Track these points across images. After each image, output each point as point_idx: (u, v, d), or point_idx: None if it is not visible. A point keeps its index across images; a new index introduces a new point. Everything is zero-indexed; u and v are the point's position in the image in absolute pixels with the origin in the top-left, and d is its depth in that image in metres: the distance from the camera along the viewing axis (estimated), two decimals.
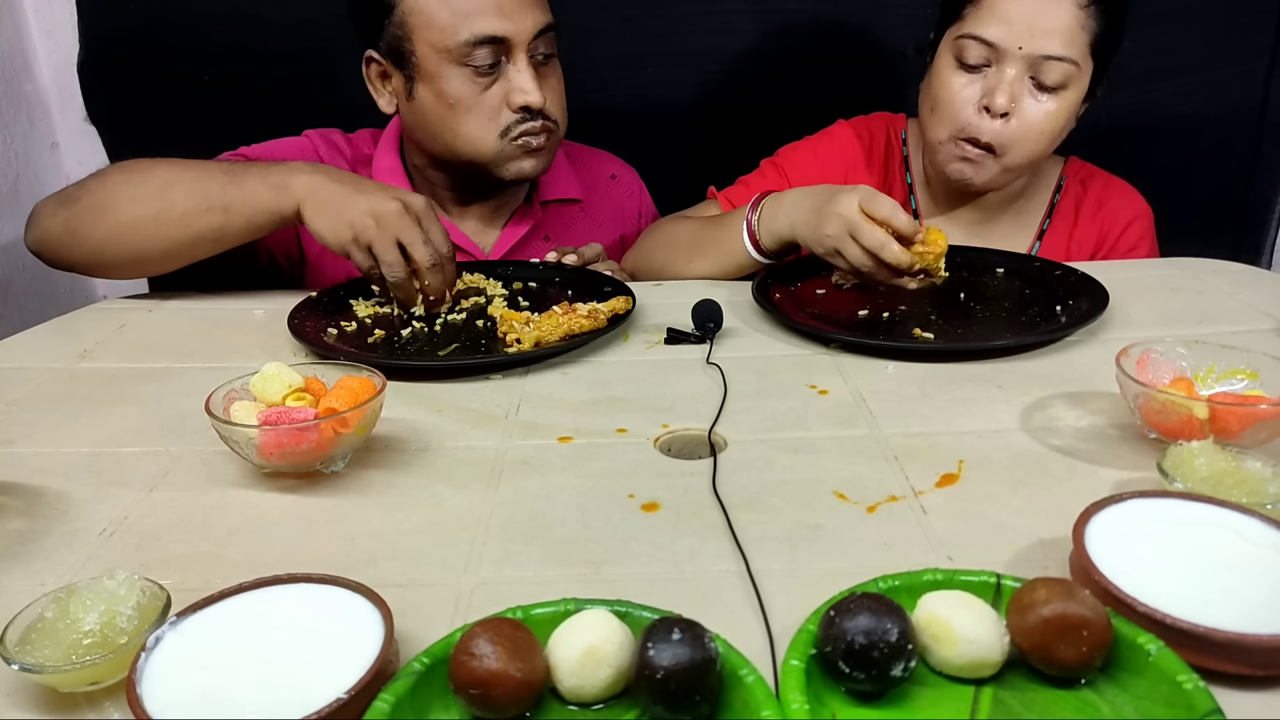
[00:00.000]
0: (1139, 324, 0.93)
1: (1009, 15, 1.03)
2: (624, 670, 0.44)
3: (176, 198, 0.98)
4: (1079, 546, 0.51)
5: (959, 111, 1.08)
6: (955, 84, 1.08)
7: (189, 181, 0.98)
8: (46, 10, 1.49)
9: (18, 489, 0.67)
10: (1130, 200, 1.21)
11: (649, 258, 1.20)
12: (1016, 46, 1.03)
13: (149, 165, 1.02)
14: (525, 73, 1.08)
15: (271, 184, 0.97)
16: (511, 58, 1.08)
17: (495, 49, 1.07)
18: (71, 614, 0.48)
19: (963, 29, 1.07)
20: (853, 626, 0.44)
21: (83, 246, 1.01)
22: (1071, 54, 1.03)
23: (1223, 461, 0.58)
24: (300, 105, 1.36)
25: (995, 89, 1.05)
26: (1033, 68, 1.04)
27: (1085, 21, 1.03)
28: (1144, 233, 1.20)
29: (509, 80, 1.09)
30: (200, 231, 0.99)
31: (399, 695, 0.43)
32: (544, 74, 1.11)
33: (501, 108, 1.10)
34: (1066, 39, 1.03)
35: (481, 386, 0.83)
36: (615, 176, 1.34)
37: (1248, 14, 1.50)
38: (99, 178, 1.02)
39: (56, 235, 1.02)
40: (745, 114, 1.55)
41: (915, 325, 0.91)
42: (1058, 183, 1.22)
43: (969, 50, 1.06)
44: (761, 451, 0.70)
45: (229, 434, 0.65)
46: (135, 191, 0.99)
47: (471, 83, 1.08)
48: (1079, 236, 1.20)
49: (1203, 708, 0.41)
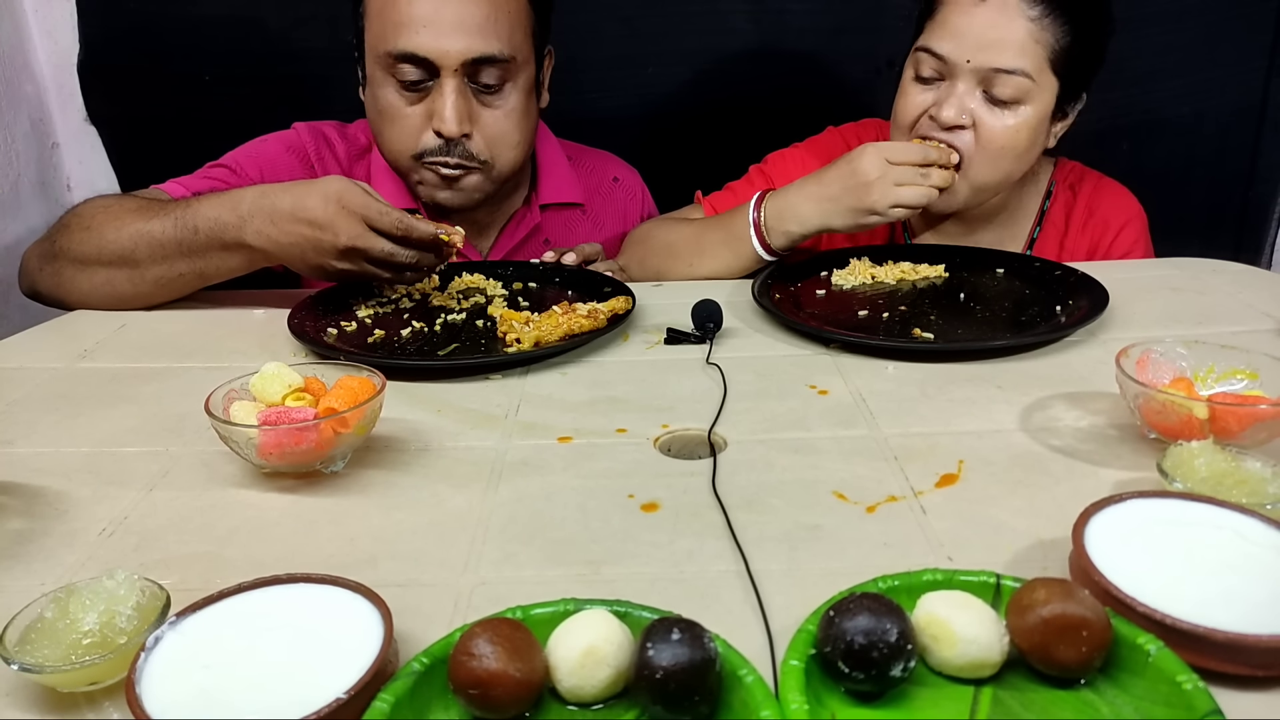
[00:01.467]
0: (1139, 324, 0.93)
1: (959, 29, 1.04)
2: (623, 670, 0.44)
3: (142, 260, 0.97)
4: (1079, 547, 0.51)
5: (912, 120, 1.09)
6: (910, 93, 1.10)
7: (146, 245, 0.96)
8: (46, 10, 1.49)
9: (18, 489, 0.67)
10: (1122, 204, 1.20)
11: (644, 263, 1.19)
12: (965, 60, 1.03)
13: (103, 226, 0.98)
14: (447, 99, 1.05)
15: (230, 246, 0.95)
16: (440, 80, 1.05)
17: (420, 68, 1.04)
18: (71, 614, 0.48)
19: (921, 42, 1.08)
20: (852, 627, 0.44)
21: (70, 298, 1.04)
22: (1023, 66, 1.02)
23: (1222, 462, 0.58)
24: (300, 105, 1.36)
25: (944, 101, 1.06)
26: (984, 81, 1.04)
27: (1039, 35, 1.02)
28: (1137, 236, 1.19)
29: (434, 102, 1.06)
30: (180, 287, 1.01)
31: (398, 695, 0.43)
32: (484, 103, 1.08)
33: (424, 128, 1.08)
34: (1016, 51, 1.02)
35: (481, 386, 0.83)
36: (618, 179, 1.34)
37: (1248, 14, 1.50)
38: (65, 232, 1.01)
39: (47, 289, 1.05)
40: (745, 114, 1.55)
41: (915, 325, 0.91)
42: (1047, 189, 1.21)
43: (923, 64, 1.08)
44: (761, 452, 0.70)
45: (229, 434, 0.65)
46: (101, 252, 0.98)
47: (399, 95, 1.07)
48: (1070, 245, 1.20)
49: (1202, 708, 0.41)
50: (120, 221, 0.98)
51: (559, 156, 1.27)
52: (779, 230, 1.07)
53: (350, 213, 0.90)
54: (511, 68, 1.08)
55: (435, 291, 1.04)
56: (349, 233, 0.90)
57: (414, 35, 1.03)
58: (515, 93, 1.10)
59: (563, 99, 1.23)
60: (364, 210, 0.90)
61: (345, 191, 0.91)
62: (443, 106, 1.05)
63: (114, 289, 1.01)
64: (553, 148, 1.27)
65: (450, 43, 1.03)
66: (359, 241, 0.91)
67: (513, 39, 1.07)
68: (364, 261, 0.93)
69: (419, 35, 1.02)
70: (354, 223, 0.90)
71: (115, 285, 1.00)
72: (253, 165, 1.14)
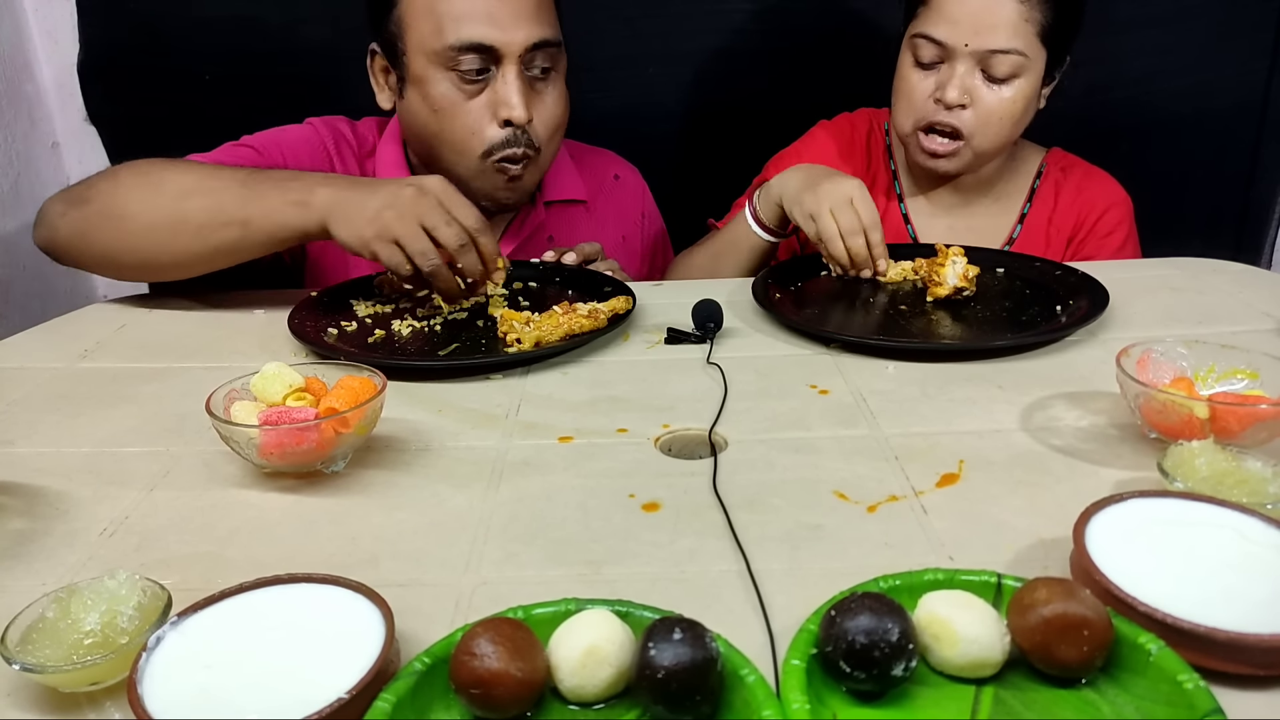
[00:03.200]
0: (1139, 324, 0.93)
1: (954, 15, 1.10)
2: (625, 670, 0.44)
3: (192, 209, 0.94)
4: (1079, 546, 0.51)
5: (918, 105, 1.16)
6: (912, 79, 1.16)
7: (205, 192, 0.95)
8: (46, 10, 1.49)
9: (18, 489, 0.67)
10: (1109, 189, 1.25)
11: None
12: (963, 44, 1.10)
13: (162, 169, 0.98)
14: (512, 85, 1.05)
15: (292, 200, 0.93)
16: (501, 68, 1.05)
17: (484, 57, 1.04)
18: (72, 614, 0.48)
19: (916, 28, 1.14)
20: (853, 626, 0.44)
21: (92, 249, 0.98)
22: (1017, 45, 1.09)
23: (1223, 461, 0.58)
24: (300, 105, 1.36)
25: (947, 84, 1.13)
26: (982, 61, 1.11)
27: (1029, 14, 1.09)
28: (1121, 219, 1.24)
29: (496, 92, 1.06)
30: (218, 245, 0.96)
31: (400, 695, 0.43)
32: (538, 90, 1.09)
33: (487, 120, 1.07)
34: (1010, 32, 1.09)
35: (482, 386, 0.83)
36: (619, 177, 1.34)
37: (1248, 14, 1.50)
38: (110, 179, 0.99)
39: (66, 236, 0.99)
40: (745, 114, 1.55)
41: (916, 325, 0.92)
42: (1039, 169, 1.27)
43: (922, 49, 1.14)
44: (762, 451, 0.70)
45: (229, 434, 0.65)
46: (149, 199, 0.96)
47: (457, 89, 1.06)
48: (1058, 220, 1.25)
49: (1203, 707, 0.41)
50: (178, 171, 0.97)
51: (562, 154, 1.27)
52: (763, 201, 1.14)
53: (444, 184, 0.92)
54: (559, 53, 1.10)
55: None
56: (427, 190, 0.90)
57: (478, 25, 1.03)
58: (559, 79, 1.11)
59: None
60: (448, 198, 0.91)
61: (444, 181, 0.93)
62: (509, 94, 1.05)
63: (150, 241, 0.96)
64: None
65: (514, 29, 1.03)
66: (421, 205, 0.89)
67: (558, 24, 1.09)
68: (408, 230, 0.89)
69: (482, 24, 1.03)
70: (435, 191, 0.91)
71: (153, 236, 0.95)
72: (275, 149, 1.12)
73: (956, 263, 0.96)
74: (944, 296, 0.96)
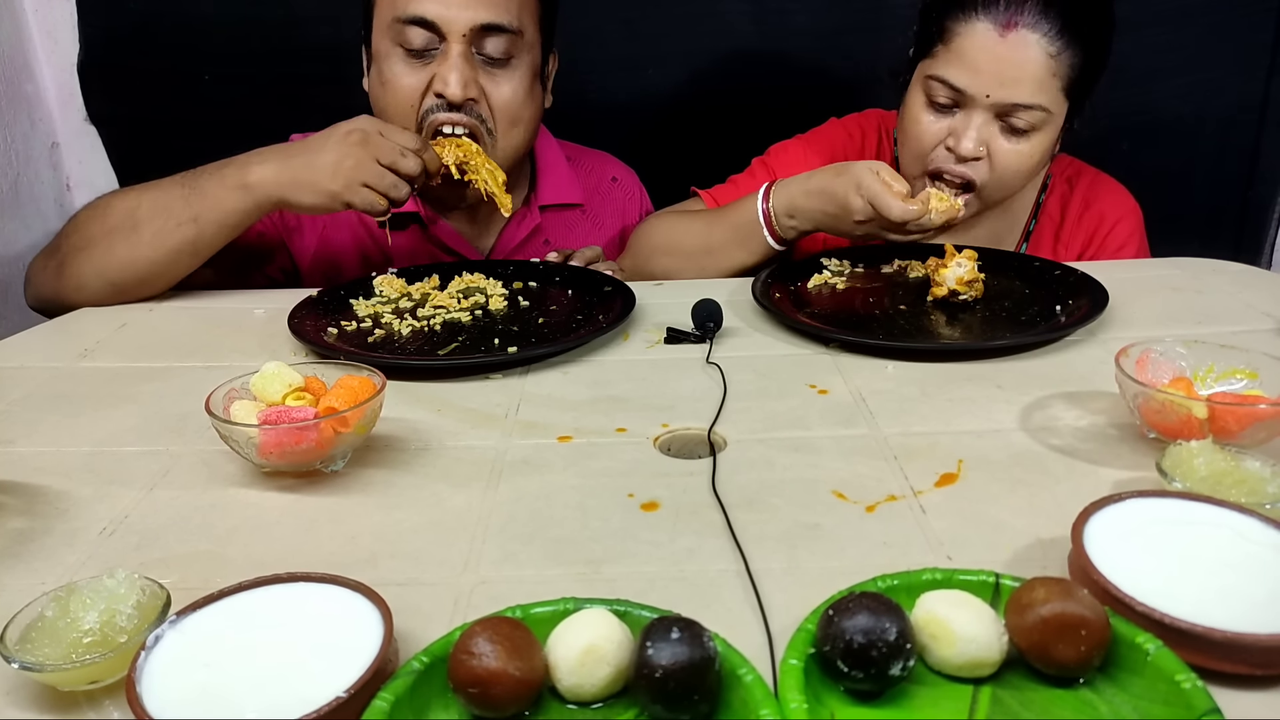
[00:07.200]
0: (1139, 324, 0.93)
1: (978, 64, 1.02)
2: (623, 669, 0.44)
3: (143, 218, 1.00)
4: (1078, 546, 0.52)
5: (928, 150, 1.09)
6: (924, 121, 1.08)
7: (150, 201, 1.00)
8: (46, 10, 1.49)
9: (18, 488, 0.67)
10: (1118, 200, 1.20)
11: (650, 263, 1.19)
12: (984, 94, 1.03)
13: (110, 196, 1.04)
14: (452, 62, 1.05)
15: (230, 186, 0.99)
16: (445, 45, 1.06)
17: (429, 34, 1.05)
18: (71, 613, 0.48)
19: (933, 68, 1.06)
20: (851, 626, 0.44)
21: (69, 286, 1.04)
22: (1041, 101, 1.02)
23: (1222, 461, 0.58)
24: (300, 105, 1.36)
25: (963, 134, 1.05)
26: (1002, 114, 1.04)
27: (1057, 69, 1.01)
28: (1132, 232, 1.19)
29: (438, 68, 1.07)
30: (176, 247, 1.00)
31: (398, 694, 0.43)
32: (492, 75, 1.09)
33: (424, 93, 1.08)
34: (1035, 87, 1.01)
35: (481, 386, 0.83)
36: (616, 179, 1.34)
37: (1248, 14, 1.50)
38: (71, 222, 1.06)
39: (49, 287, 1.05)
40: (745, 115, 1.55)
41: (915, 325, 0.92)
42: (1044, 182, 1.21)
43: (937, 91, 1.06)
44: (761, 451, 0.70)
45: (229, 433, 0.65)
46: (104, 223, 1.01)
47: (404, 64, 1.07)
48: (1065, 238, 1.20)
49: (1201, 707, 0.41)
50: (124, 193, 1.02)
51: (558, 157, 1.28)
52: (787, 225, 1.08)
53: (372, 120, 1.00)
54: (518, 43, 1.09)
55: (435, 291, 1.04)
56: (365, 133, 0.97)
57: (425, 1, 1.04)
58: (522, 70, 1.11)
59: (564, 100, 1.23)
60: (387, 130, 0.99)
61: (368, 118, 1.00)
62: (446, 70, 1.06)
63: (111, 259, 1.01)
64: (552, 149, 1.28)
65: (459, 8, 1.05)
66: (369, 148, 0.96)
67: (520, 16, 1.08)
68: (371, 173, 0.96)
69: (430, 1, 1.04)
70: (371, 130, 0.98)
71: (112, 254, 1.01)
72: None
73: (961, 265, 0.96)
74: (941, 297, 0.96)
